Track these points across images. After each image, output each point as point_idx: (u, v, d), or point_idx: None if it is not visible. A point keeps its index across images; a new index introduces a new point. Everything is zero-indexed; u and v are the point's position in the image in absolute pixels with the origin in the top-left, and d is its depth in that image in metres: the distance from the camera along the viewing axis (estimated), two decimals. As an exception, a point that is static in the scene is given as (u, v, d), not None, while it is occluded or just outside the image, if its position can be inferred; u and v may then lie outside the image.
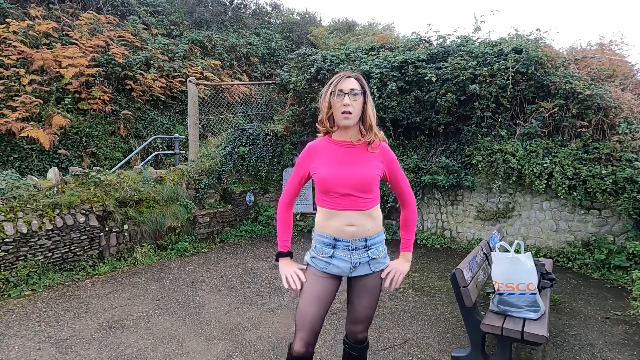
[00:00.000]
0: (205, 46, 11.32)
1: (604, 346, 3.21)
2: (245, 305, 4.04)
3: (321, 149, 1.87)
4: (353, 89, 1.76)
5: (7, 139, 6.84)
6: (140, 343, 3.25)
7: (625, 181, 4.80)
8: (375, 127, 1.83)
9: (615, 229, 5.12)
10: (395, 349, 3.16)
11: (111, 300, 4.16)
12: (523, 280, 2.67)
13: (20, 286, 4.33)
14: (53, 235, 4.71)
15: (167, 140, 9.12)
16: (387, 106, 6.36)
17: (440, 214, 6.60)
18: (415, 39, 7.29)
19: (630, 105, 5.46)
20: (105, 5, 10.45)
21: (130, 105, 8.72)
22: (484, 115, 6.01)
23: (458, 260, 5.38)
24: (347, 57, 7.25)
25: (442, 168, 6.22)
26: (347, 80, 1.77)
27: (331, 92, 1.77)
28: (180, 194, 6.37)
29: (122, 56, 8.68)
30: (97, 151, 7.94)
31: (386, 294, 4.35)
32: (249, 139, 7.71)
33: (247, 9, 14.71)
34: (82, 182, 5.32)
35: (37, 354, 3.05)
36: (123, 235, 5.51)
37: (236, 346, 3.20)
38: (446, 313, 3.85)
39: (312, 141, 1.92)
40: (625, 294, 4.32)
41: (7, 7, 8.43)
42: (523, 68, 5.61)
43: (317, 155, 1.87)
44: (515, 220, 5.86)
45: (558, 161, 5.29)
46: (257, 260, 5.67)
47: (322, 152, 1.86)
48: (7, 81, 7.18)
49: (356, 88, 1.77)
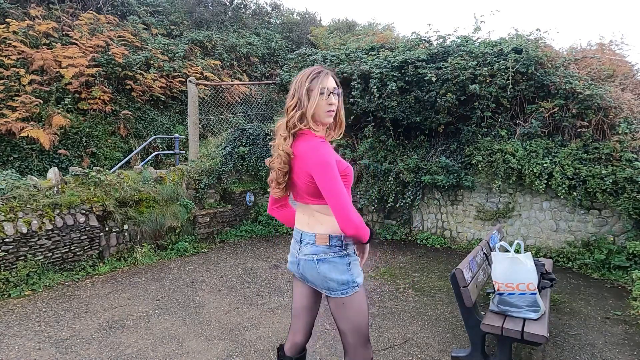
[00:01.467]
0: (205, 46, 11.32)
1: (604, 346, 3.21)
2: (245, 305, 4.04)
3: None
4: (335, 87, 1.76)
5: (7, 139, 6.84)
6: (140, 343, 3.25)
7: (625, 181, 4.80)
8: (343, 125, 1.87)
9: (615, 229, 5.12)
10: (395, 349, 3.16)
11: (111, 300, 4.16)
12: (523, 280, 2.67)
13: (20, 286, 4.33)
14: (53, 235, 4.71)
15: (167, 140, 9.12)
16: (387, 106, 6.36)
17: (440, 214, 6.60)
18: (415, 39, 7.29)
19: (630, 105, 5.46)
20: (105, 5, 10.46)
21: (130, 105, 8.73)
22: (484, 115, 6.01)
23: (458, 260, 5.38)
24: (347, 57, 7.25)
25: (442, 168, 6.22)
26: (329, 78, 1.74)
27: (320, 92, 1.71)
28: (180, 194, 6.37)
29: (122, 56, 8.69)
30: (97, 151, 7.94)
31: (386, 294, 4.35)
32: (249, 139, 7.71)
33: (247, 9, 14.73)
34: (82, 182, 5.32)
35: (37, 354, 3.05)
36: (123, 235, 5.51)
37: (236, 346, 3.20)
38: (446, 313, 3.85)
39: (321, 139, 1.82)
40: (625, 294, 4.32)
41: (7, 7, 8.43)
42: (523, 68, 5.61)
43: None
44: (515, 220, 5.86)
45: (558, 161, 5.29)
46: (257, 260, 5.67)
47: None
48: (7, 81, 7.18)
49: (336, 87, 1.78)
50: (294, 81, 1.77)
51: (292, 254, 1.89)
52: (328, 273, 1.74)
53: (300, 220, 1.87)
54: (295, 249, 1.86)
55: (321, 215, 1.77)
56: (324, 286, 1.78)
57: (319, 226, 1.78)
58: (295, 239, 1.89)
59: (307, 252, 1.79)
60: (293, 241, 1.90)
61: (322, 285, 1.78)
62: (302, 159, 1.69)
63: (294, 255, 1.88)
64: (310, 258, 1.77)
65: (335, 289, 1.74)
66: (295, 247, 1.87)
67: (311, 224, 1.80)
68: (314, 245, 1.77)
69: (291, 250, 1.92)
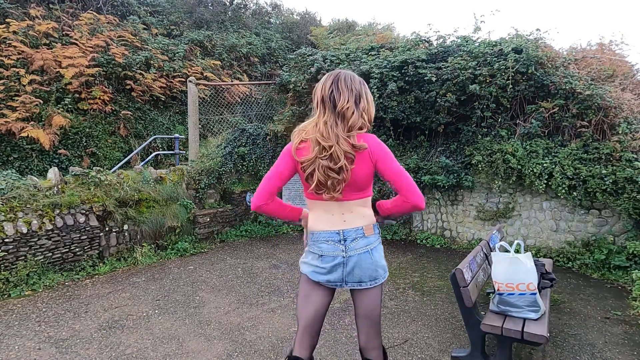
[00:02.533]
0: (205, 46, 11.32)
1: (604, 346, 3.21)
2: (245, 305, 4.04)
3: None
4: None
5: (7, 139, 6.84)
6: (140, 343, 3.25)
7: (625, 181, 4.80)
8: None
9: (615, 229, 5.12)
10: (395, 349, 3.16)
11: (111, 300, 4.16)
12: (523, 280, 2.67)
13: (20, 286, 4.33)
14: (53, 235, 4.71)
15: (167, 140, 9.12)
16: (387, 106, 6.36)
17: (440, 214, 6.60)
18: (415, 39, 7.29)
19: (630, 105, 5.46)
20: (105, 5, 10.46)
21: (130, 105, 8.73)
22: (484, 115, 6.01)
23: (458, 260, 5.38)
24: (347, 57, 7.25)
25: (442, 168, 6.22)
26: None
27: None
28: (180, 194, 6.37)
29: (122, 56, 8.69)
30: (97, 151, 7.94)
31: (386, 294, 4.35)
32: (249, 139, 7.71)
33: (247, 9, 14.72)
34: (82, 182, 5.32)
35: (37, 354, 3.05)
36: (123, 235, 5.51)
37: (236, 346, 3.20)
38: (446, 313, 3.85)
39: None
40: (625, 294, 4.32)
41: (7, 7, 8.43)
42: (523, 68, 5.61)
43: None
44: (515, 220, 5.86)
45: (558, 161, 5.28)
46: (257, 260, 5.67)
47: None
48: (7, 81, 7.18)
49: None
50: (349, 82, 1.79)
51: (332, 257, 1.81)
52: (380, 260, 1.84)
53: (331, 220, 1.84)
54: (339, 249, 1.81)
55: (361, 209, 1.84)
56: (373, 276, 1.82)
57: (360, 219, 1.83)
58: (333, 241, 1.82)
59: (361, 245, 1.81)
60: (326, 246, 1.82)
61: (371, 276, 1.82)
62: (365, 152, 1.76)
63: (337, 258, 1.80)
64: (365, 250, 1.81)
65: (382, 275, 1.85)
66: (339, 248, 1.81)
67: (350, 219, 1.83)
68: (365, 238, 1.82)
69: (326, 255, 1.82)
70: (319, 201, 1.84)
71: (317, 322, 1.88)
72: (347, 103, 1.75)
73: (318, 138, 1.73)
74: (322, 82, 1.82)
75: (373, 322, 1.87)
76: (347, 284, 1.83)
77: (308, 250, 1.92)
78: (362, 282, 1.82)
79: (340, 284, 1.84)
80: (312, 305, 1.87)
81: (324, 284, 1.87)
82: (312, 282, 1.88)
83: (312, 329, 1.87)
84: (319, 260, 1.84)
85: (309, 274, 1.88)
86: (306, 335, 1.87)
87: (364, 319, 1.87)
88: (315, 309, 1.87)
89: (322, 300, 1.88)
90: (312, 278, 1.86)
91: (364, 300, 1.85)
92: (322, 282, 1.85)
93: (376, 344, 1.89)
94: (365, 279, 1.82)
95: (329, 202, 1.82)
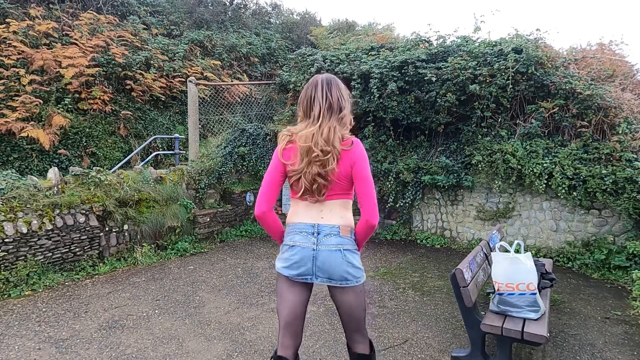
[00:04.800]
0: (205, 46, 11.32)
1: (604, 346, 3.21)
2: (245, 305, 4.04)
3: None
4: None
5: (7, 139, 6.84)
6: (140, 343, 3.25)
7: (625, 181, 4.80)
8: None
9: (615, 229, 5.12)
10: (395, 349, 3.16)
11: (111, 300, 4.16)
12: (523, 280, 2.67)
13: (20, 286, 4.33)
14: (53, 235, 4.71)
15: (167, 140, 9.12)
16: (387, 106, 6.36)
17: (440, 214, 6.60)
18: (415, 39, 7.29)
19: (630, 105, 5.46)
20: (105, 5, 10.45)
21: (130, 105, 8.72)
22: (484, 115, 6.01)
23: (458, 260, 5.38)
24: (347, 57, 7.25)
25: (442, 168, 6.22)
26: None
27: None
28: (180, 194, 6.37)
29: (122, 56, 8.68)
30: (97, 151, 7.94)
31: (386, 294, 4.35)
32: (249, 139, 7.71)
33: (247, 9, 14.72)
34: (82, 182, 5.32)
35: (37, 354, 3.05)
36: (123, 235, 5.51)
37: (236, 346, 3.20)
38: (446, 313, 3.85)
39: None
40: (625, 294, 4.32)
41: (7, 7, 8.43)
42: (523, 68, 5.61)
43: None
44: (515, 220, 5.86)
45: (558, 161, 5.29)
46: (257, 260, 5.67)
47: None
48: (7, 81, 7.18)
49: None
50: (335, 87, 1.87)
51: (302, 248, 1.82)
52: (352, 262, 1.83)
53: (309, 214, 1.87)
54: (311, 241, 1.81)
55: (341, 209, 1.87)
56: (343, 276, 1.81)
57: (338, 219, 1.85)
58: (306, 232, 1.83)
59: (333, 242, 1.81)
60: (299, 237, 1.84)
61: (341, 276, 1.81)
62: (348, 152, 1.81)
63: (307, 249, 1.81)
64: (337, 248, 1.81)
65: (352, 279, 1.83)
66: (310, 240, 1.82)
67: (327, 217, 1.85)
68: (339, 236, 1.83)
69: (297, 245, 1.83)
70: (302, 201, 1.90)
71: (297, 320, 1.88)
72: (347, 108, 1.88)
73: (320, 144, 1.76)
74: (322, 90, 1.85)
75: (354, 320, 1.89)
76: (317, 278, 1.83)
77: (282, 244, 1.95)
78: (331, 279, 1.82)
79: (311, 277, 1.84)
80: (288, 303, 1.88)
81: (298, 280, 1.86)
82: (287, 281, 1.89)
83: (292, 328, 1.87)
84: (289, 251, 1.86)
85: (281, 270, 1.89)
86: (286, 335, 1.87)
87: (343, 316, 1.91)
88: (292, 307, 1.87)
89: (298, 298, 1.88)
90: (283, 274, 1.87)
91: (341, 299, 1.86)
92: (294, 277, 1.85)
93: (359, 338, 1.93)
94: (335, 277, 1.82)
95: (314, 198, 1.87)
